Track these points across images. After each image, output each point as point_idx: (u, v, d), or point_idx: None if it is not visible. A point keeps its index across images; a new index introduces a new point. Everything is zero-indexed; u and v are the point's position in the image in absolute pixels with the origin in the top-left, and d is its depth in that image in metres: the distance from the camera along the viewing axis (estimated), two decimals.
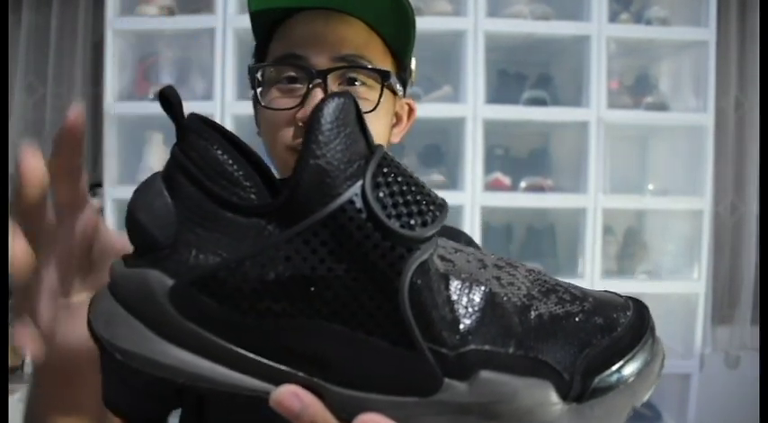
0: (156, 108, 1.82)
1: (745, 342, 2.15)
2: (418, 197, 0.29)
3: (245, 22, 1.73)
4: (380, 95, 0.65)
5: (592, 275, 1.82)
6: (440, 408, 0.29)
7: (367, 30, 0.65)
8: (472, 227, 1.75)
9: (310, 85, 0.61)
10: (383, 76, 0.65)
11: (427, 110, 1.74)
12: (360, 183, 0.28)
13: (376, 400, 0.29)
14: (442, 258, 0.31)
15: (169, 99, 0.30)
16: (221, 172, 0.30)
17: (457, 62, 1.84)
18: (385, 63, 0.67)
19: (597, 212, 1.81)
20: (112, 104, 1.78)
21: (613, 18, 1.84)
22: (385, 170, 0.29)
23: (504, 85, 1.90)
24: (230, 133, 0.32)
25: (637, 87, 1.95)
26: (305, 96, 0.61)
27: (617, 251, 1.98)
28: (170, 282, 0.29)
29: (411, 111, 0.75)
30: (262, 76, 0.65)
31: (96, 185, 2.01)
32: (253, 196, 0.30)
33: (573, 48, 1.87)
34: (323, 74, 0.62)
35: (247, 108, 0.77)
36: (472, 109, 1.77)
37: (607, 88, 1.81)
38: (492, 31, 1.78)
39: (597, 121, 1.80)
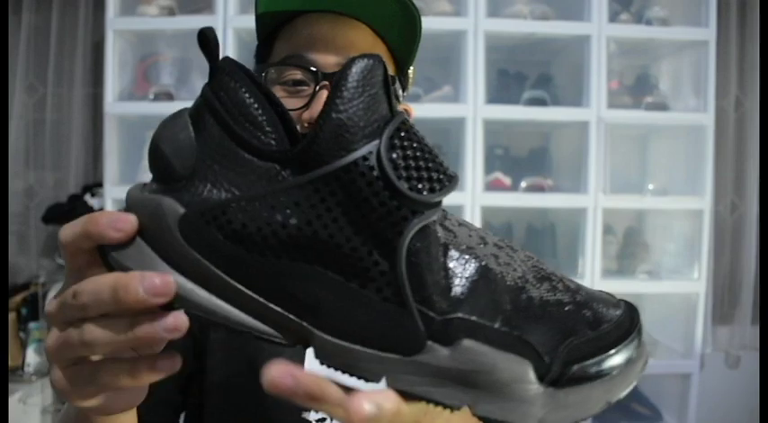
0: (156, 108, 1.82)
1: (746, 342, 2.15)
2: (430, 165, 0.30)
3: (245, 22, 1.74)
4: None
5: (592, 275, 1.82)
6: (419, 368, 0.30)
7: (372, 35, 0.65)
8: None
9: (317, 87, 0.61)
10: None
11: (427, 110, 1.74)
12: (376, 141, 0.29)
13: (359, 351, 0.30)
14: (445, 228, 0.32)
15: (207, 39, 0.31)
16: (246, 114, 0.31)
17: (457, 62, 1.84)
18: (389, 68, 0.67)
19: (597, 212, 1.81)
20: (113, 104, 1.79)
21: (613, 18, 1.84)
22: (402, 134, 0.30)
23: (505, 84, 1.90)
24: (260, 81, 0.33)
25: (637, 87, 1.95)
26: (311, 97, 0.61)
27: (617, 251, 1.98)
28: (181, 210, 0.30)
29: (408, 115, 0.75)
30: (265, 75, 0.65)
31: (96, 185, 2.02)
32: (273, 141, 0.31)
33: (573, 48, 1.87)
34: (330, 76, 0.61)
35: None
36: (472, 109, 1.77)
37: (607, 88, 1.81)
38: (492, 31, 1.78)
39: (597, 121, 1.80)
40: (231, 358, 0.66)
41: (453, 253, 0.31)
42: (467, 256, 0.31)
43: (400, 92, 0.69)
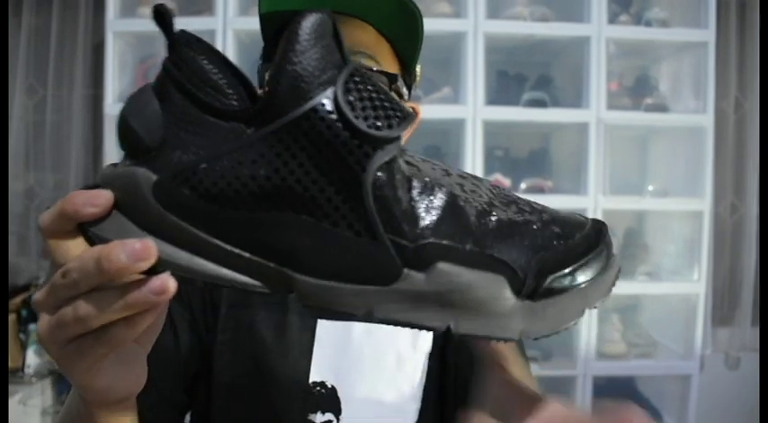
0: None
1: (746, 343, 2.15)
2: (386, 104, 0.32)
3: (245, 24, 1.75)
4: None
5: None
6: (399, 295, 0.31)
7: (376, 34, 0.66)
8: None
9: None
10: (391, 79, 0.65)
11: (427, 111, 1.73)
12: (332, 88, 0.30)
13: (340, 288, 0.31)
14: (408, 163, 0.33)
15: (162, 14, 0.32)
16: (206, 80, 0.32)
17: (457, 63, 1.84)
18: (393, 67, 0.67)
19: (597, 213, 1.81)
20: (113, 106, 1.79)
21: (613, 19, 1.84)
22: (356, 79, 0.31)
23: (504, 86, 1.90)
24: (217, 50, 0.34)
25: (636, 88, 1.95)
26: None
27: (617, 252, 1.98)
28: (154, 177, 0.31)
29: (415, 114, 0.75)
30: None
31: (97, 186, 2.01)
32: (234, 102, 0.32)
33: (573, 49, 1.88)
34: None
35: None
36: (472, 110, 1.77)
37: (607, 89, 1.81)
38: (492, 33, 1.78)
39: (597, 123, 1.80)
40: (238, 359, 0.66)
41: (418, 184, 0.32)
42: (432, 186, 0.32)
43: (404, 90, 0.69)
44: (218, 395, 0.66)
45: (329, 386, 0.66)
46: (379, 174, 0.31)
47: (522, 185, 1.84)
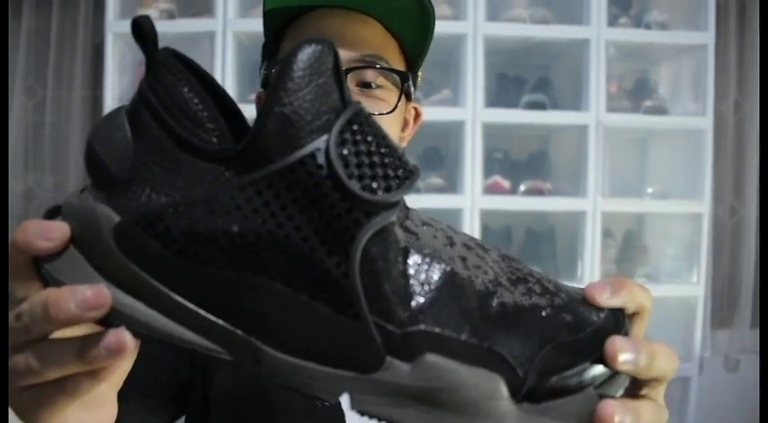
0: None
1: (745, 345, 2.15)
2: (387, 160, 0.27)
3: (244, 25, 1.75)
4: (399, 98, 0.64)
5: (591, 278, 1.82)
6: (378, 387, 0.27)
7: (384, 31, 0.64)
8: (471, 230, 1.75)
9: None
10: (403, 78, 0.64)
11: (427, 113, 1.72)
12: (325, 137, 0.26)
13: (312, 369, 0.27)
14: (406, 230, 0.29)
15: (142, 28, 0.28)
16: (185, 110, 0.28)
17: (456, 66, 1.84)
18: (400, 66, 0.65)
19: (596, 216, 1.81)
20: (112, 107, 1.78)
21: (612, 22, 1.84)
22: (355, 127, 0.27)
23: (504, 88, 1.90)
24: (204, 72, 0.30)
25: (636, 91, 1.95)
26: None
27: (616, 254, 1.98)
28: (117, 218, 0.28)
29: (417, 115, 0.74)
30: (273, 73, 0.64)
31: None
32: (214, 139, 0.28)
33: (572, 51, 1.88)
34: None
35: (248, 111, 0.77)
36: (471, 112, 1.77)
37: (606, 92, 1.81)
38: (491, 35, 1.78)
39: (596, 125, 1.80)
40: (238, 371, 0.64)
41: (415, 257, 0.28)
42: (430, 261, 0.28)
43: (412, 90, 0.67)
44: (218, 405, 0.65)
45: None
46: (369, 244, 0.27)
47: (522, 187, 1.84)
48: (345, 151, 0.27)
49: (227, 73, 1.74)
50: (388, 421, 0.27)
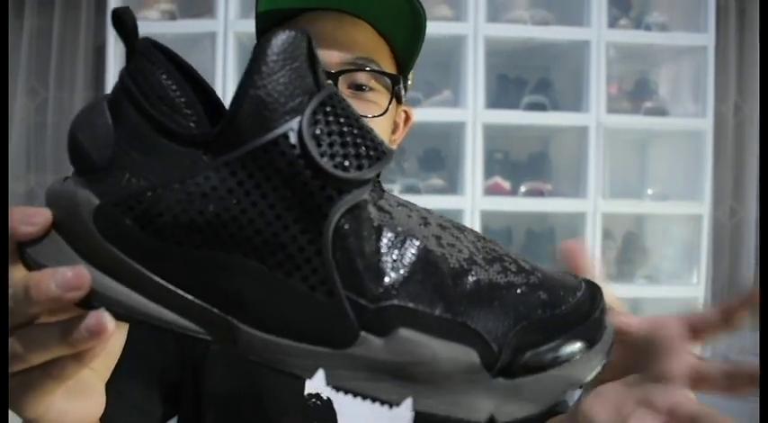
0: None
1: (745, 347, 2.15)
2: (359, 140, 0.28)
3: (245, 26, 1.75)
4: (390, 101, 0.64)
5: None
6: (352, 362, 0.27)
7: (375, 34, 0.64)
8: None
9: None
10: (394, 81, 0.64)
11: (427, 114, 1.74)
12: (298, 118, 0.27)
13: (287, 345, 0.28)
14: (380, 209, 0.29)
15: (122, 20, 0.29)
16: (163, 97, 0.29)
17: (457, 67, 1.85)
18: (391, 70, 0.66)
19: (596, 217, 1.81)
20: None
21: (613, 23, 1.85)
22: (328, 109, 0.28)
23: (504, 89, 1.91)
24: (183, 61, 0.31)
25: (636, 92, 1.96)
26: None
27: (616, 255, 1.98)
28: (96, 201, 0.28)
29: (407, 118, 0.75)
30: None
31: None
32: (192, 124, 0.29)
33: (572, 53, 1.88)
34: (334, 76, 0.60)
35: None
36: (472, 113, 1.78)
37: (606, 93, 1.82)
38: (492, 36, 1.79)
39: (597, 126, 1.80)
40: (231, 371, 0.65)
41: (388, 234, 0.28)
42: (403, 238, 0.29)
43: (403, 93, 0.68)
44: (211, 406, 0.65)
45: (324, 398, 0.65)
46: (342, 221, 0.27)
47: (522, 189, 1.84)
48: (318, 131, 0.27)
49: (228, 73, 1.75)
50: (363, 396, 0.27)
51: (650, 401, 0.32)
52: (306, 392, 0.65)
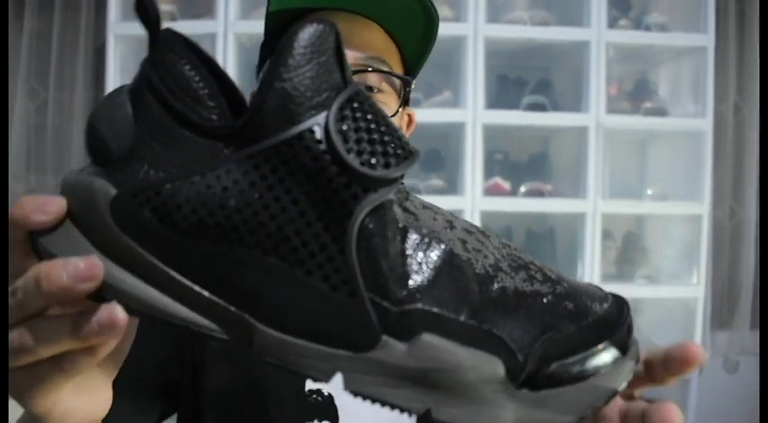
0: None
1: (745, 347, 2.15)
2: (386, 138, 0.27)
3: (246, 27, 1.75)
4: (401, 104, 0.64)
5: (591, 280, 1.82)
6: (373, 366, 0.26)
7: (386, 37, 0.64)
8: None
9: None
10: (406, 83, 0.64)
11: (427, 115, 1.74)
12: (324, 113, 0.26)
13: (305, 347, 0.26)
14: (406, 210, 0.29)
15: (146, 9, 0.29)
16: (186, 88, 0.28)
17: (457, 67, 1.85)
18: (399, 72, 0.66)
19: (596, 217, 1.81)
20: None
21: (612, 24, 1.85)
22: (355, 105, 0.27)
23: (504, 90, 1.91)
24: (205, 53, 0.30)
25: (636, 93, 1.96)
26: None
27: (616, 256, 1.98)
28: (114, 191, 0.28)
29: (410, 121, 0.75)
30: None
31: None
32: (214, 117, 0.28)
33: (572, 53, 1.88)
34: None
35: None
36: (472, 114, 1.78)
37: (606, 93, 1.82)
38: (492, 37, 1.79)
39: (596, 127, 1.81)
40: (232, 369, 0.65)
41: (413, 236, 0.27)
42: (429, 240, 0.28)
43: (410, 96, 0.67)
44: (211, 403, 0.65)
45: (325, 394, 0.64)
46: (367, 220, 0.26)
47: (522, 189, 1.84)
48: (345, 127, 0.26)
49: (229, 74, 1.74)
50: (382, 403, 0.26)
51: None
52: (307, 388, 0.64)
